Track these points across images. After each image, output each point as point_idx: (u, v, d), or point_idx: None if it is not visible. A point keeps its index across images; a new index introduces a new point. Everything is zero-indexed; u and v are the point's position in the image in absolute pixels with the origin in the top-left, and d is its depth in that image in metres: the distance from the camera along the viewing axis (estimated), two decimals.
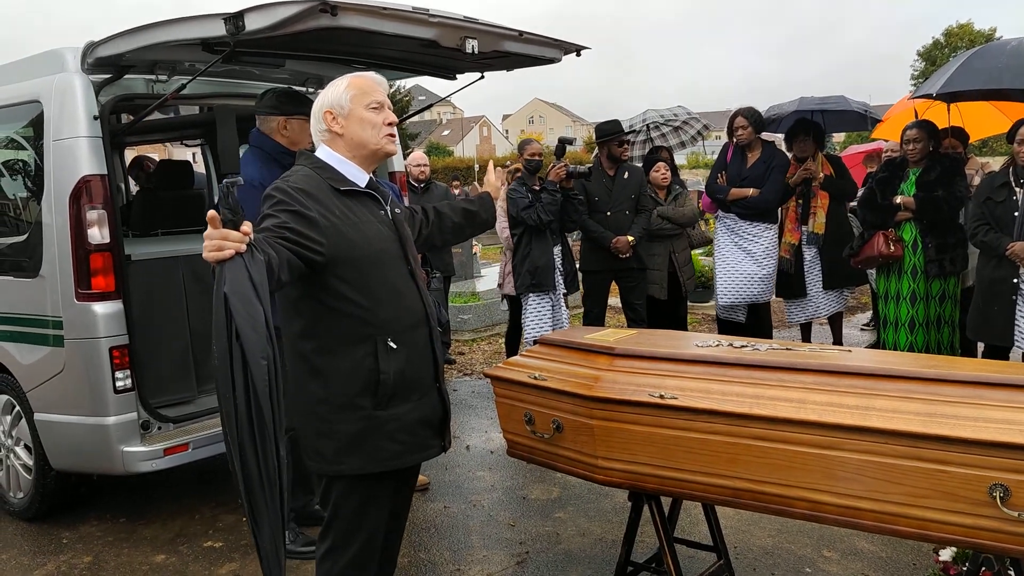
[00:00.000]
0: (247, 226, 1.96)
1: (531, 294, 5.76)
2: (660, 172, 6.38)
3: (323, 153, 2.47)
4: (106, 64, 3.87)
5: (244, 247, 1.94)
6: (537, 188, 5.71)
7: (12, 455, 4.40)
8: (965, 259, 5.35)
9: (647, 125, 8.37)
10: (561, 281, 5.84)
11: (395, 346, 2.39)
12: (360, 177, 2.47)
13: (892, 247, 5.32)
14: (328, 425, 2.39)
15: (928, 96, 5.58)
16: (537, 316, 5.78)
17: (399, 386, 2.41)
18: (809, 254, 6.24)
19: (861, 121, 7.37)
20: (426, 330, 2.51)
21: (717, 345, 2.83)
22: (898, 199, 5.36)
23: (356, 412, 2.38)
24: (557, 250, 5.81)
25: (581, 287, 6.41)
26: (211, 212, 1.92)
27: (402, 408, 2.43)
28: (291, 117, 3.74)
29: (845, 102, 6.97)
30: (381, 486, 2.48)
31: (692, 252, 6.78)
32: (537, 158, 5.88)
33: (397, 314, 2.42)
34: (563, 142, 5.83)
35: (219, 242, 1.92)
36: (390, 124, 2.47)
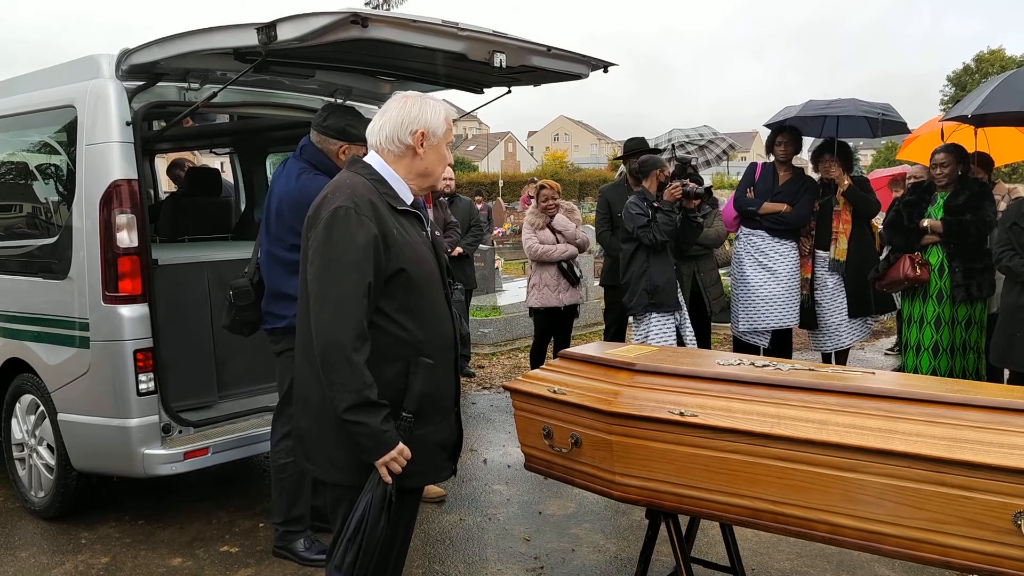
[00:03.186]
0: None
1: (653, 313, 5.54)
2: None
3: (378, 165, 2.42)
4: (140, 71, 3.94)
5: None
6: (656, 205, 5.48)
7: (35, 454, 4.45)
8: (993, 285, 5.27)
9: (672, 144, 8.33)
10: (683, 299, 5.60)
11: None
12: (408, 196, 2.45)
13: (918, 271, 5.26)
14: (347, 436, 2.34)
15: (962, 118, 5.51)
16: (660, 337, 5.56)
17: (424, 407, 2.39)
18: (831, 281, 6.03)
19: (865, 128, 6.73)
20: (453, 354, 2.51)
21: (739, 364, 2.82)
22: (925, 222, 5.30)
23: None
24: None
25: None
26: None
27: (424, 429, 2.40)
28: (355, 143, 3.63)
29: (853, 106, 6.44)
30: (407, 500, 2.46)
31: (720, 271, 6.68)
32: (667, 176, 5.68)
33: (432, 336, 2.41)
34: (683, 162, 5.69)
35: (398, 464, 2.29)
36: (449, 165, 2.53)
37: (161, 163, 7.92)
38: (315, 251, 2.32)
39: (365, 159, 2.45)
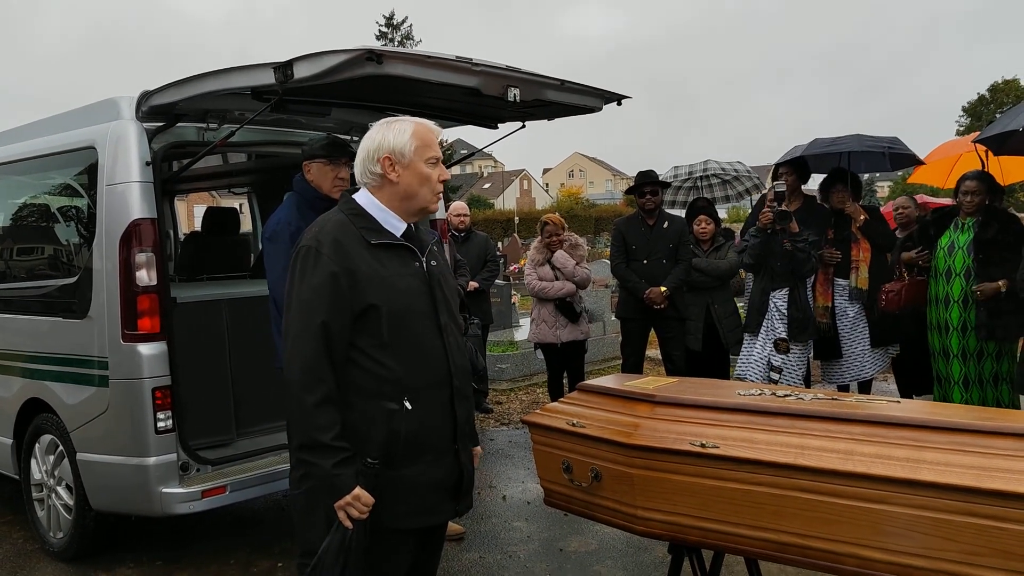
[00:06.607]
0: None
1: (744, 334, 5.79)
2: (700, 225, 6.32)
3: (363, 199, 2.41)
4: (160, 112, 3.99)
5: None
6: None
7: (54, 495, 4.44)
8: (1021, 327, 5.01)
9: (702, 174, 8.34)
10: (780, 327, 5.49)
11: (409, 406, 2.30)
12: (398, 227, 2.40)
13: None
14: None
15: (1009, 134, 5.40)
16: (742, 359, 5.71)
17: (409, 446, 2.31)
18: (852, 311, 5.92)
19: (882, 161, 6.80)
20: (448, 391, 2.40)
21: (760, 394, 2.77)
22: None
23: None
24: (783, 294, 5.52)
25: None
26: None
27: (412, 469, 2.33)
28: (312, 160, 3.86)
29: (858, 142, 6.41)
30: (397, 541, 2.38)
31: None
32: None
33: (416, 372, 2.33)
34: (777, 188, 5.71)
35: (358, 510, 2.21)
36: (442, 181, 2.44)
37: (181, 205, 8.02)
38: (286, 289, 2.37)
39: (354, 195, 2.44)
